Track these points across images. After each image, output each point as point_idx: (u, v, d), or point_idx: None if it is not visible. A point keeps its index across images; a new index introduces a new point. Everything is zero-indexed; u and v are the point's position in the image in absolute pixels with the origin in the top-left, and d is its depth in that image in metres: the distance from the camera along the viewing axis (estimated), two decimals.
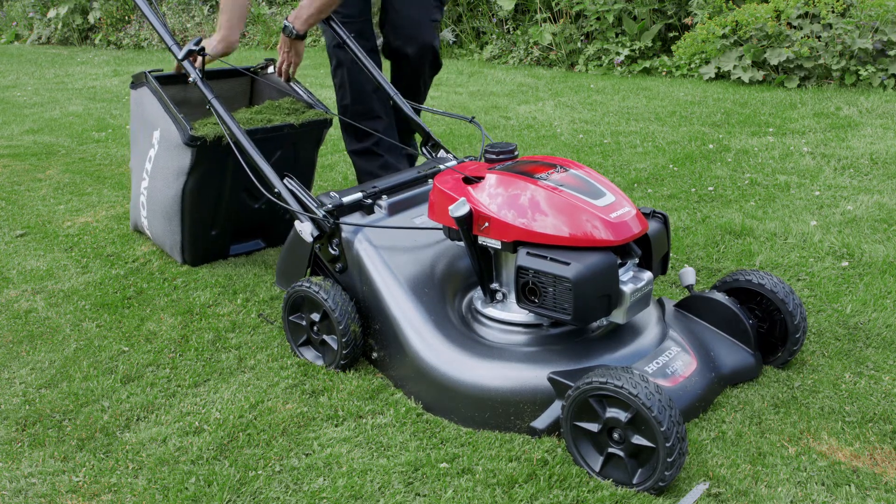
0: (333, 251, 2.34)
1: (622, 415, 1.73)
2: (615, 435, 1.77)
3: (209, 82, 2.68)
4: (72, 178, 4.40)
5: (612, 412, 1.75)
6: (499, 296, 2.18)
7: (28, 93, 7.31)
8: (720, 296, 2.22)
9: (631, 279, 2.02)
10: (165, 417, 2.15)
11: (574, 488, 1.79)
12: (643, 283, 2.03)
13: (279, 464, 1.93)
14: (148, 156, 3.02)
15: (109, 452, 2.02)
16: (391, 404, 2.15)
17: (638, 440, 1.73)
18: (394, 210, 2.42)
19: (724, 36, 6.21)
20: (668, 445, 1.67)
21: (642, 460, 1.76)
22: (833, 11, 5.83)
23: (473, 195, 2.07)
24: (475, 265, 2.14)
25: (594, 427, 1.80)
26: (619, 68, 6.87)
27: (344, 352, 2.25)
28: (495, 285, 2.18)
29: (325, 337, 2.32)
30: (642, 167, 4.12)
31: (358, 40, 3.04)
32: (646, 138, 4.70)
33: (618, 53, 6.91)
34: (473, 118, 2.86)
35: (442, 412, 2.09)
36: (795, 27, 5.97)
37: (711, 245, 3.11)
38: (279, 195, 2.42)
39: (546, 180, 2.04)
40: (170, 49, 2.70)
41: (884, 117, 4.88)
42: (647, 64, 6.80)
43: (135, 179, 3.22)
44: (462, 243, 2.13)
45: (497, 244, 2.05)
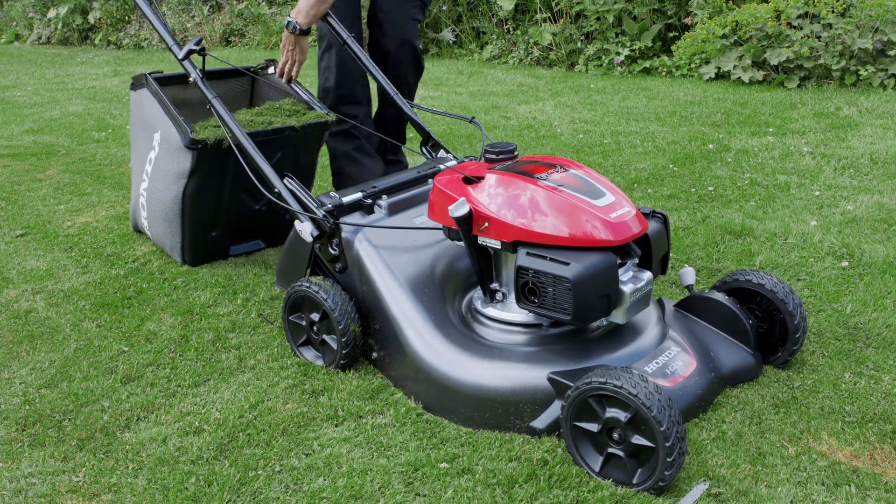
0: (333, 251, 2.34)
1: (622, 415, 1.73)
2: (615, 435, 1.77)
3: (209, 82, 2.68)
4: (72, 178, 4.40)
5: (612, 412, 1.75)
6: (499, 296, 2.18)
7: (28, 93, 7.31)
8: (720, 296, 2.22)
9: (631, 279, 2.02)
10: (165, 417, 2.15)
11: (574, 488, 1.79)
12: (643, 283, 2.03)
13: (279, 464, 1.94)
14: (148, 157, 3.02)
15: (109, 452, 2.02)
16: (391, 404, 2.15)
17: (638, 440, 1.73)
18: (394, 210, 2.42)
19: (724, 36, 6.21)
20: (668, 445, 1.67)
21: (642, 460, 1.76)
22: (833, 11, 5.83)
23: (473, 195, 2.07)
24: (475, 265, 2.14)
25: (594, 427, 1.80)
26: (619, 68, 6.87)
27: (344, 352, 2.25)
28: (495, 285, 2.18)
29: (325, 337, 2.32)
30: (642, 167, 4.12)
31: (351, 25, 3.17)
32: (646, 138, 4.70)
33: (618, 53, 6.91)
34: (473, 118, 2.86)
35: (442, 412, 2.09)
36: (795, 27, 5.97)
37: (711, 245, 3.11)
38: (279, 195, 2.42)
39: (546, 180, 2.04)
40: (170, 49, 2.70)
41: (884, 117, 4.88)
42: (647, 64, 6.80)
43: (135, 180, 3.22)
44: (462, 243, 2.13)
45: (497, 244, 2.05)
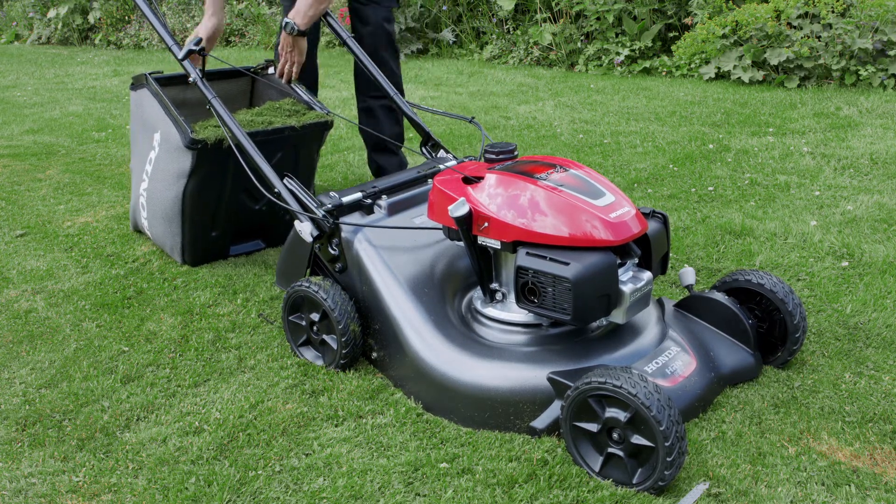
0: (333, 251, 2.34)
1: (621, 415, 1.73)
2: (615, 435, 1.77)
3: (209, 83, 2.68)
4: (72, 178, 4.40)
5: (612, 412, 1.75)
6: (498, 296, 2.18)
7: (28, 93, 7.31)
8: (720, 296, 2.22)
9: (630, 279, 2.02)
10: (165, 417, 2.15)
11: (574, 488, 1.79)
12: (643, 283, 2.03)
13: (279, 464, 1.94)
14: (148, 158, 3.02)
15: (109, 452, 2.02)
16: (391, 404, 2.15)
17: (637, 440, 1.73)
18: (393, 210, 2.42)
19: (724, 36, 6.20)
20: (668, 445, 1.67)
21: (642, 460, 1.76)
22: (833, 11, 5.83)
23: (473, 195, 2.07)
24: (475, 265, 2.14)
25: (594, 427, 1.80)
26: (619, 68, 6.87)
27: (344, 351, 2.25)
28: (495, 285, 2.18)
29: (325, 337, 2.32)
30: (642, 167, 4.12)
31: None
32: (646, 138, 4.70)
33: (618, 53, 6.90)
34: (473, 118, 2.86)
35: (442, 412, 2.09)
36: (795, 27, 5.97)
37: (711, 245, 3.11)
38: (279, 195, 2.42)
39: (546, 180, 2.04)
40: (170, 49, 2.70)
41: (884, 117, 4.88)
42: (647, 64, 6.79)
43: (134, 181, 3.22)
44: (462, 243, 2.13)
45: (497, 244, 2.05)
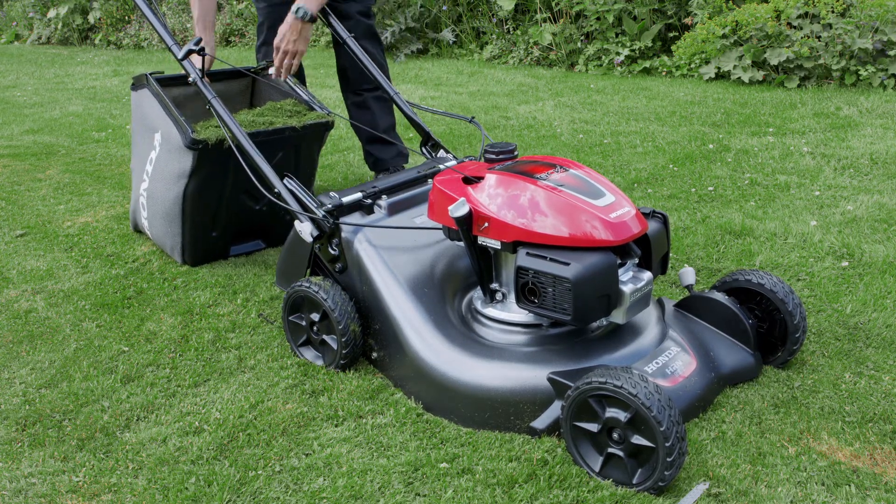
0: (333, 251, 2.34)
1: (622, 415, 1.73)
2: (615, 435, 1.77)
3: (210, 83, 2.68)
4: (72, 178, 4.40)
5: (612, 412, 1.75)
6: (498, 296, 2.18)
7: (28, 93, 7.31)
8: (720, 296, 2.22)
9: (631, 279, 2.02)
10: (165, 417, 2.15)
11: (574, 488, 1.79)
12: (643, 283, 2.03)
13: (279, 464, 1.94)
14: (149, 157, 3.02)
15: (109, 452, 2.02)
16: (391, 404, 2.15)
17: (637, 440, 1.73)
18: (393, 210, 2.42)
19: (724, 36, 6.20)
20: (668, 445, 1.67)
21: (642, 460, 1.76)
22: (833, 11, 5.83)
23: (473, 195, 2.07)
24: (475, 265, 2.14)
25: (594, 427, 1.80)
26: (619, 68, 6.87)
27: (344, 352, 2.25)
28: (495, 285, 2.18)
29: (325, 337, 2.32)
30: (642, 167, 4.12)
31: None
32: (646, 138, 4.70)
33: (618, 53, 6.90)
34: (473, 118, 2.86)
35: (442, 412, 2.09)
36: (795, 27, 5.97)
37: (711, 245, 3.11)
38: (279, 195, 2.42)
39: (546, 180, 2.04)
40: (170, 49, 2.70)
41: (884, 117, 4.88)
42: (647, 64, 6.79)
43: (135, 181, 3.22)
44: (462, 243, 2.13)
45: (497, 244, 2.05)
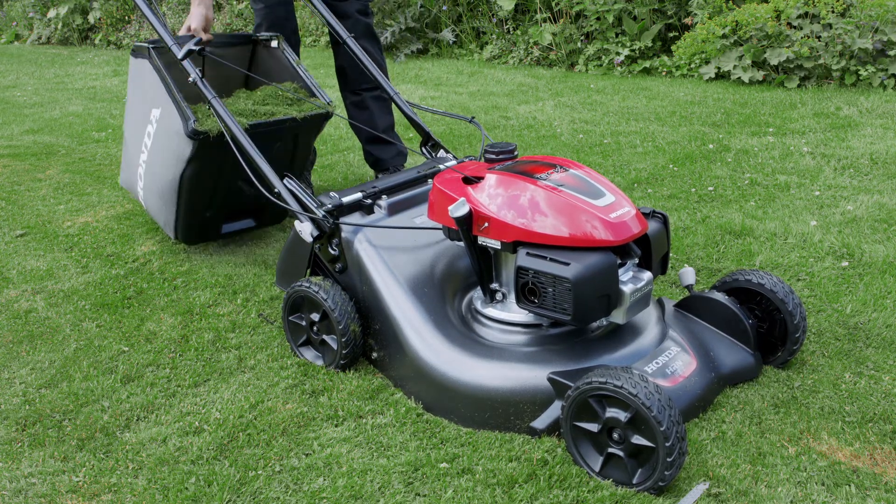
0: (333, 251, 2.34)
1: (622, 415, 1.73)
2: (615, 435, 1.77)
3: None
4: (72, 178, 4.40)
5: (612, 412, 1.75)
6: (498, 296, 2.18)
7: (28, 93, 7.31)
8: (720, 296, 2.22)
9: (631, 279, 2.02)
10: (165, 417, 2.15)
11: (574, 488, 1.79)
12: (643, 283, 2.03)
13: (279, 464, 1.94)
14: (146, 131, 2.99)
15: (109, 452, 2.02)
16: (391, 404, 2.15)
17: (638, 440, 1.73)
18: (393, 210, 2.42)
19: (724, 36, 6.20)
20: (668, 445, 1.67)
21: (642, 460, 1.76)
22: (833, 11, 5.83)
23: (473, 195, 2.07)
24: (475, 265, 2.14)
25: (594, 427, 1.80)
26: (619, 68, 6.87)
27: (344, 352, 2.25)
28: (495, 285, 2.18)
29: (325, 337, 2.32)
30: (642, 167, 4.12)
31: (285, 22, 3.51)
32: (646, 138, 4.70)
33: (618, 53, 6.90)
34: (473, 118, 2.86)
35: (442, 412, 2.08)
36: (795, 27, 5.97)
37: (711, 245, 3.11)
38: (279, 195, 2.42)
39: (546, 180, 2.04)
40: (170, 49, 2.70)
41: (884, 117, 4.88)
42: (647, 64, 6.79)
43: (132, 148, 3.17)
44: (462, 243, 2.13)
45: (497, 244, 2.05)
